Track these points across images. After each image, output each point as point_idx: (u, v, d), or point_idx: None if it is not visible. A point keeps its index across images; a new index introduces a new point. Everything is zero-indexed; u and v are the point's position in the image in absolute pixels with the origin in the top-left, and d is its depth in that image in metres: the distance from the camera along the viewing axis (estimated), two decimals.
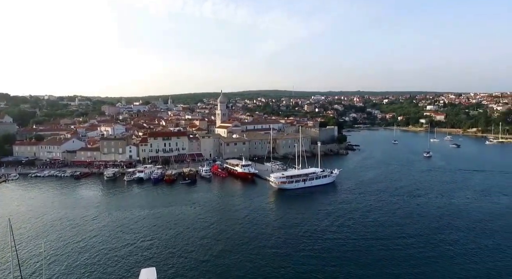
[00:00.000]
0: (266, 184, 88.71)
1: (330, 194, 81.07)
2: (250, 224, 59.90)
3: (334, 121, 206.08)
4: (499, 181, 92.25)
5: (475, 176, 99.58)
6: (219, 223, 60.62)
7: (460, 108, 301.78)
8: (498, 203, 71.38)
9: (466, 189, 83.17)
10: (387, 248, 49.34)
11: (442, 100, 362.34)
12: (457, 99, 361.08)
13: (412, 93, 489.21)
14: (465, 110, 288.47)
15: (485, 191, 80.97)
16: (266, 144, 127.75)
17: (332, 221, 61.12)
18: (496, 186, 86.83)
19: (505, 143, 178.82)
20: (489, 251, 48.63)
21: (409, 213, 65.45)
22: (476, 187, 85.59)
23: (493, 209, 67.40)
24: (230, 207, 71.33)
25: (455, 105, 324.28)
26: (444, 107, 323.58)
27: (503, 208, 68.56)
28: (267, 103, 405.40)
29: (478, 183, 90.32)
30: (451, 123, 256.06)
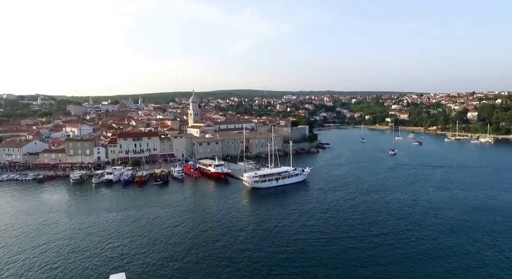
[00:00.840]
0: (240, 184, 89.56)
1: (302, 192, 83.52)
2: (223, 225, 60.32)
3: (306, 120, 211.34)
4: (457, 176, 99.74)
5: (436, 171, 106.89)
6: (192, 225, 60.37)
7: (422, 108, 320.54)
8: (456, 198, 77.02)
9: (428, 185, 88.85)
10: (357, 247, 50.48)
11: (406, 100, 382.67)
12: (419, 99, 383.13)
13: (378, 93, 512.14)
14: (426, 110, 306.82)
15: (444, 187, 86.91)
16: (239, 143, 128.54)
17: (304, 220, 62.97)
18: (454, 181, 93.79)
19: (461, 140, 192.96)
20: (452, 248, 51.83)
21: (377, 210, 68.74)
22: (437, 182, 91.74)
23: (452, 204, 72.55)
24: (203, 207, 71.30)
25: (417, 105, 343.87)
26: (407, 107, 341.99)
27: (460, 202, 74.13)
28: (240, 103, 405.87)
29: (439, 178, 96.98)
30: (414, 121, 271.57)
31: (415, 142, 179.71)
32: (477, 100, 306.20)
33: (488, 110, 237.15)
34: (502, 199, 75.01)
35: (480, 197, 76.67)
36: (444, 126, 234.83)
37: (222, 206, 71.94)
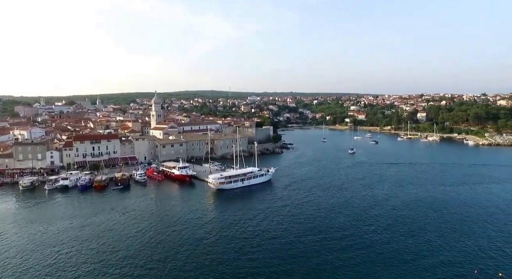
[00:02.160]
0: (205, 186, 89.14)
1: (267, 192, 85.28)
2: (187, 228, 59.67)
3: (270, 121, 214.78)
4: (409, 172, 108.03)
5: (390, 168, 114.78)
6: (154, 230, 58.92)
7: (378, 109, 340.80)
8: (409, 194, 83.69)
9: (384, 182, 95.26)
10: (321, 246, 52.33)
11: (363, 101, 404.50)
12: (375, 100, 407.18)
13: (338, 94, 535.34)
14: (381, 110, 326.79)
15: (398, 183, 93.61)
16: (204, 145, 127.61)
17: (270, 220, 64.45)
18: (406, 177, 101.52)
19: (412, 139, 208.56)
20: (405, 240, 56.78)
21: (338, 207, 72.31)
22: (391, 179, 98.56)
23: (405, 200, 78.59)
24: (167, 211, 69.91)
25: (373, 106, 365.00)
26: (364, 108, 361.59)
27: (412, 198, 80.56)
28: (204, 104, 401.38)
29: (393, 175, 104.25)
30: (370, 122, 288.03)
31: (372, 141, 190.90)
32: (425, 101, 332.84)
33: (434, 111, 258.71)
34: (448, 194, 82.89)
35: (430, 193, 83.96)
36: (397, 126, 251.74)
37: (187, 209, 71.17)
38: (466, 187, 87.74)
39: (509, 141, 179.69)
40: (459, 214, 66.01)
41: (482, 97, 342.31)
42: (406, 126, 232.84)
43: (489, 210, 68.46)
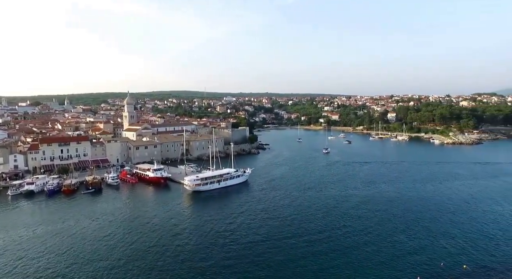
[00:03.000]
0: (181, 188, 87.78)
1: (244, 193, 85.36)
2: (162, 231, 58.42)
3: (246, 122, 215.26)
4: (381, 171, 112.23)
5: (363, 167, 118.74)
6: (126, 235, 57.07)
7: (350, 109, 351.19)
8: (381, 192, 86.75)
9: (358, 181, 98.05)
10: (297, 248, 52.19)
11: (336, 102, 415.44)
12: (348, 101, 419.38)
13: (312, 95, 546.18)
14: (354, 111, 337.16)
15: (371, 182, 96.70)
16: (179, 146, 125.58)
17: (247, 221, 64.43)
18: (379, 175, 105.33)
19: (383, 138, 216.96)
20: (378, 238, 59.27)
21: (314, 207, 73.74)
22: (364, 178, 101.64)
23: (377, 197, 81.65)
24: (141, 215, 67.91)
25: (346, 106, 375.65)
26: (338, 108, 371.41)
27: (384, 195, 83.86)
28: (179, 104, 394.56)
29: (366, 174, 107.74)
30: (344, 122, 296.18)
31: (345, 141, 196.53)
32: (395, 102, 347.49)
33: (403, 111, 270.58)
34: (417, 191, 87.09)
35: (401, 191, 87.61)
36: (369, 126, 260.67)
37: (162, 212, 69.70)
38: (433, 184, 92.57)
39: (471, 139, 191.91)
40: (428, 211, 69.38)
41: (446, 98, 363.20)
42: (377, 126, 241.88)
43: (453, 206, 72.59)
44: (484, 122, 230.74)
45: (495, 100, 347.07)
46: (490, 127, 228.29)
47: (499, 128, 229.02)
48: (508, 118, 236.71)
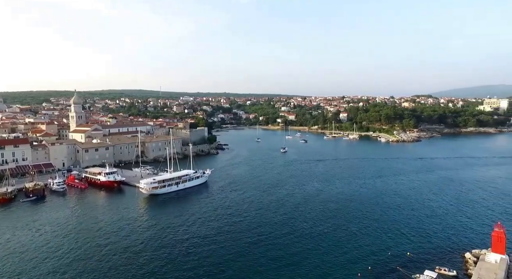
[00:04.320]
0: (136, 191, 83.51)
1: (203, 194, 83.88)
2: (118, 239, 55.35)
3: (204, 122, 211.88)
4: (334, 168, 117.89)
5: (319, 165, 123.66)
6: (75, 245, 52.90)
7: (306, 109, 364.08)
8: (334, 188, 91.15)
9: (314, 178, 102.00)
10: (258, 246, 53.33)
11: (293, 102, 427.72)
12: (303, 101, 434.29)
13: (269, 95, 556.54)
14: (309, 111, 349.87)
15: (326, 178, 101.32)
16: (134, 148, 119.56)
17: (206, 224, 63.50)
18: (332, 172, 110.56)
19: (336, 137, 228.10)
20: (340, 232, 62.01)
21: (274, 206, 75.14)
22: (320, 175, 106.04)
23: (332, 194, 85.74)
24: (91, 223, 63.27)
25: (302, 107, 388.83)
26: (294, 108, 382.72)
27: (337, 192, 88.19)
28: (132, 104, 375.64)
29: (321, 171, 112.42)
30: (300, 122, 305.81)
31: (301, 140, 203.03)
32: (346, 103, 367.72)
33: (354, 111, 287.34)
34: (366, 186, 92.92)
35: (352, 187, 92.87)
36: (323, 125, 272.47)
37: (114, 218, 65.70)
38: (382, 180, 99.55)
39: (411, 137, 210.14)
40: (377, 205, 74.51)
41: (391, 99, 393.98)
42: (330, 125, 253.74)
43: (398, 200, 78.86)
44: (422, 122, 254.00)
45: (431, 101, 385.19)
46: (427, 126, 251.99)
47: (435, 127, 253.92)
48: (442, 118, 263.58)
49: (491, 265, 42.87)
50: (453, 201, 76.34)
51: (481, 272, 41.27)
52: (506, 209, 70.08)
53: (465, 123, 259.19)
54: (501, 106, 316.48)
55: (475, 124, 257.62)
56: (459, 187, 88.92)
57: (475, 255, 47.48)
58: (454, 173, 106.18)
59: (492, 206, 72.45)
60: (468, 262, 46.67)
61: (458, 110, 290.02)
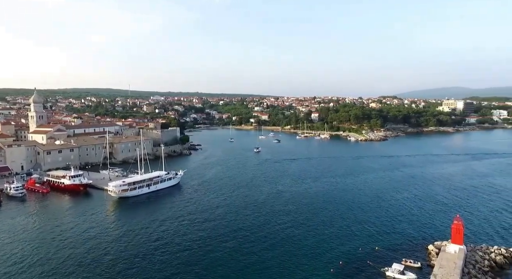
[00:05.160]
0: (104, 195, 80.00)
1: (176, 196, 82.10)
2: (82, 245, 52.65)
3: (176, 122, 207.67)
4: (306, 167, 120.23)
5: (291, 164, 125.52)
6: (33, 254, 49.56)
7: (278, 109, 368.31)
8: (307, 187, 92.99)
9: (287, 177, 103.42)
10: (231, 248, 53.33)
11: (266, 102, 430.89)
12: (276, 101, 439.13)
13: (242, 95, 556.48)
14: (281, 111, 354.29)
15: (298, 177, 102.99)
16: (101, 149, 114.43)
17: (178, 227, 62.13)
18: (305, 171, 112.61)
19: (308, 137, 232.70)
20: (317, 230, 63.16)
21: (248, 206, 75.06)
22: (293, 174, 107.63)
23: (304, 193, 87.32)
24: (53, 229, 59.51)
25: (275, 107, 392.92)
26: (267, 108, 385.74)
27: (310, 190, 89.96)
28: (99, 103, 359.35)
29: (294, 170, 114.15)
30: (273, 122, 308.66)
31: (274, 140, 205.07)
32: (317, 103, 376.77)
33: (324, 112, 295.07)
34: (337, 184, 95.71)
35: (323, 185, 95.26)
36: (295, 125, 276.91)
37: (80, 223, 62.52)
38: (351, 178, 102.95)
39: (379, 137, 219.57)
40: (347, 203, 77.08)
41: (359, 100, 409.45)
42: (303, 125, 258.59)
43: (366, 197, 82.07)
44: (388, 121, 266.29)
45: (396, 102, 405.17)
46: (393, 125, 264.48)
47: (399, 126, 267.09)
48: (406, 118, 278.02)
49: (451, 255, 45.85)
50: (417, 197, 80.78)
51: (442, 262, 44.01)
52: (463, 203, 75.33)
53: (427, 122, 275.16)
54: (458, 107, 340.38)
55: (435, 123, 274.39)
56: (422, 183, 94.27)
57: (437, 246, 50.57)
58: (417, 170, 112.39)
59: (451, 200, 77.57)
60: (431, 254, 49.62)
61: (420, 111, 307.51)
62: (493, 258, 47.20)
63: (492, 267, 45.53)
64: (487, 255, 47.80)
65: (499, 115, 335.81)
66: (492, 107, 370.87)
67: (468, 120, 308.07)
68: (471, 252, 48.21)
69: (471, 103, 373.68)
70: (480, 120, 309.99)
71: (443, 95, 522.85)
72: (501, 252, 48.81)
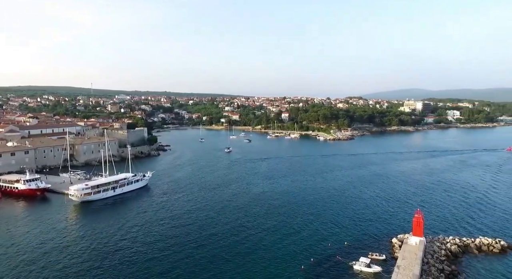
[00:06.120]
0: (65, 199, 75.14)
1: (143, 199, 79.16)
2: (38, 254, 48.97)
3: (143, 122, 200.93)
4: (277, 166, 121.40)
5: (263, 163, 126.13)
6: None
7: (249, 109, 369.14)
8: (277, 185, 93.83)
9: (258, 176, 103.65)
10: (201, 256, 52.41)
11: (236, 102, 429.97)
12: (247, 101, 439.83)
13: (213, 95, 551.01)
14: (252, 111, 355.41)
15: (269, 176, 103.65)
16: (61, 151, 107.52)
17: (145, 232, 59.77)
18: (276, 170, 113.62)
19: (279, 136, 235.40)
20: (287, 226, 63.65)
21: (219, 207, 74.05)
22: (264, 173, 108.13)
23: (275, 191, 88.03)
24: (6, 241, 54.30)
25: (246, 107, 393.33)
26: (238, 108, 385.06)
27: (281, 189, 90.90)
28: (58, 102, 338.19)
29: (265, 169, 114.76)
30: (244, 121, 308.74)
31: (245, 140, 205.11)
32: (287, 103, 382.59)
33: (294, 112, 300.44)
34: (308, 182, 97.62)
35: (295, 183, 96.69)
36: (266, 125, 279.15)
37: (36, 230, 58.19)
38: (321, 176, 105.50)
39: (346, 136, 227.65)
40: (317, 201, 78.86)
41: (327, 100, 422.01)
42: (273, 125, 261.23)
43: (335, 194, 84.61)
44: (355, 121, 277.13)
45: (361, 102, 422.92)
46: (359, 125, 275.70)
47: (365, 126, 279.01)
48: (371, 118, 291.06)
49: (412, 247, 48.49)
50: (381, 193, 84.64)
51: (404, 254, 46.40)
52: (423, 198, 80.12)
53: (390, 122, 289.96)
54: (417, 108, 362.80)
55: (397, 123, 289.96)
56: (386, 180, 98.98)
57: (400, 239, 53.26)
58: (382, 168, 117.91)
59: (412, 196, 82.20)
60: (394, 246, 52.16)
61: (384, 111, 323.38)
62: (448, 248, 50.59)
63: (448, 256, 48.78)
64: (444, 245, 51.14)
65: (453, 115, 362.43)
66: (447, 107, 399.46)
67: (426, 120, 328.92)
68: (430, 243, 51.33)
69: (428, 104, 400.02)
70: (436, 120, 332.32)
71: (404, 96, 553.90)
72: (455, 242, 52.47)
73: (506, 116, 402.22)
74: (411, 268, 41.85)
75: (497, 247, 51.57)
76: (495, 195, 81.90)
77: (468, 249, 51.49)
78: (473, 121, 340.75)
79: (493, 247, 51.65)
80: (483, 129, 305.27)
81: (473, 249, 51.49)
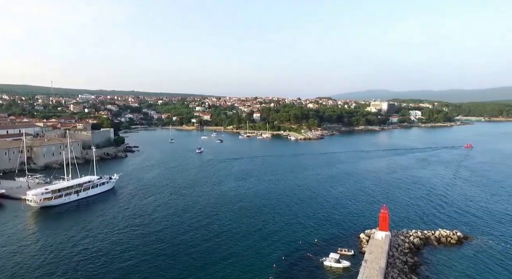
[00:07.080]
0: (22, 205, 69.93)
1: (110, 202, 75.71)
2: None
3: (109, 123, 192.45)
4: (249, 166, 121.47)
5: (234, 163, 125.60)
6: None
7: (221, 109, 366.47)
8: (249, 185, 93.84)
9: (230, 176, 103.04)
10: (171, 253, 51.80)
11: (207, 102, 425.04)
12: (218, 101, 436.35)
13: (183, 95, 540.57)
14: (224, 111, 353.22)
15: (241, 176, 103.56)
16: (17, 153, 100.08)
17: (112, 235, 57.59)
18: (247, 170, 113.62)
19: (251, 136, 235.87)
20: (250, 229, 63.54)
21: (189, 209, 72.75)
22: (236, 173, 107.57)
23: (246, 191, 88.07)
24: None
25: (217, 107, 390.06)
26: (209, 108, 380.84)
27: (252, 190, 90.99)
28: (13, 101, 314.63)
29: (237, 169, 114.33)
30: (215, 122, 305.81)
31: (217, 140, 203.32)
32: (259, 103, 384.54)
33: (266, 112, 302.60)
34: (279, 181, 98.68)
35: (266, 184, 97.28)
36: (238, 125, 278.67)
37: None
38: (293, 175, 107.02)
39: (316, 135, 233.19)
40: (287, 200, 79.99)
41: (298, 100, 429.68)
42: (245, 125, 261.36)
43: (306, 193, 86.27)
44: (324, 121, 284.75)
45: (331, 103, 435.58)
46: (328, 124, 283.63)
47: (334, 125, 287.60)
48: (340, 118, 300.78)
49: (379, 241, 50.60)
50: (350, 190, 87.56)
51: (371, 248, 48.30)
52: (388, 194, 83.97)
53: (357, 122, 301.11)
54: (383, 108, 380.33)
55: (364, 123, 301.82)
56: (353, 177, 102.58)
57: (367, 234, 55.37)
58: (350, 166, 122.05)
59: (378, 192, 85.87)
60: (362, 241, 54.14)
61: (352, 111, 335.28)
62: (411, 241, 53.41)
63: (411, 248, 51.50)
64: (407, 238, 53.92)
65: (415, 115, 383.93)
66: (409, 108, 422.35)
67: (391, 119, 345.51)
68: (395, 237, 53.89)
69: (393, 104, 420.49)
70: (400, 120, 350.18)
71: (371, 97, 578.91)
72: (417, 235, 55.52)
73: (461, 116, 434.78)
74: (378, 262, 43.62)
75: (454, 238, 55.23)
76: (453, 190, 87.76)
77: (429, 241, 54.67)
78: (433, 120, 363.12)
79: (451, 238, 55.27)
80: (442, 128, 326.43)
81: (433, 241, 54.74)
